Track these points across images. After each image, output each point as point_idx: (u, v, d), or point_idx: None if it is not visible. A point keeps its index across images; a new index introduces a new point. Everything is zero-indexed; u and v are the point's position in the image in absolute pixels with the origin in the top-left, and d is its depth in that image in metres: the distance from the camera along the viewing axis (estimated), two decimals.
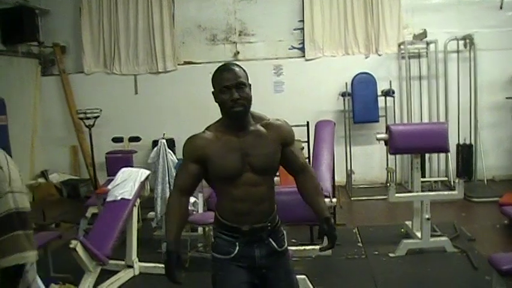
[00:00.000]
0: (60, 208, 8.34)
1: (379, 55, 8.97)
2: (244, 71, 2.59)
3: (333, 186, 6.00)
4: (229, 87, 2.49)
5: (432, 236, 5.48)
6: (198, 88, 8.96)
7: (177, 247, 2.59)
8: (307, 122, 7.76)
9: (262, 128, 2.62)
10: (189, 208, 5.82)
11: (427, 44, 8.54)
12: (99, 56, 9.43)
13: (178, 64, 9.27)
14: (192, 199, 5.85)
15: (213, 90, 2.59)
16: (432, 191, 7.70)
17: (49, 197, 9.09)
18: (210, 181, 2.71)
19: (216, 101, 2.58)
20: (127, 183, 5.15)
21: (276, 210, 2.74)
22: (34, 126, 9.38)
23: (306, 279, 4.29)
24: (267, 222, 2.64)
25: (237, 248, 2.62)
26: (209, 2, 9.27)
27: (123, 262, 5.07)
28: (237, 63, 2.65)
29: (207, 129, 2.66)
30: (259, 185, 2.58)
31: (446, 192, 6.56)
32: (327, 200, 4.53)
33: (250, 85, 2.59)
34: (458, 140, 8.49)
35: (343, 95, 8.72)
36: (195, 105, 8.90)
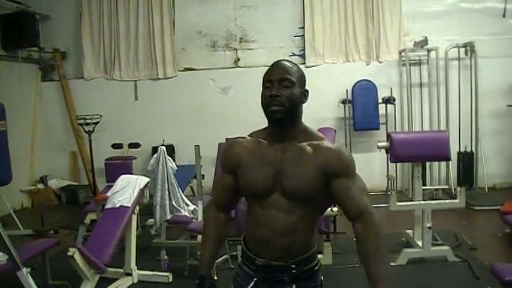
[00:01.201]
0: (59, 214, 8.30)
1: (380, 62, 8.95)
2: (299, 70, 2.23)
3: None
4: (272, 81, 2.14)
5: (433, 244, 5.45)
6: (198, 94, 8.99)
7: (210, 271, 2.40)
8: None
9: (308, 147, 2.17)
10: (189, 215, 5.82)
11: (428, 51, 8.53)
12: (99, 61, 9.41)
13: (179, 70, 9.25)
14: (191, 206, 5.84)
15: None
16: (433, 199, 7.68)
17: (48, 203, 9.07)
18: (244, 196, 2.35)
19: (262, 105, 2.20)
20: (126, 190, 5.12)
21: (313, 252, 2.27)
22: (34, 132, 9.35)
23: None
24: (291, 263, 2.19)
25: (252, 284, 2.25)
26: (210, 8, 9.26)
27: (121, 270, 5.03)
28: (285, 65, 2.23)
29: (250, 134, 2.33)
30: (288, 213, 2.14)
31: (447, 201, 6.52)
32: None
33: (306, 90, 2.24)
34: (459, 148, 8.46)
35: (344, 102, 8.70)
36: (195, 111, 8.90)
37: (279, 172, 2.14)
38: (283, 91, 2.12)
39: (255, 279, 2.24)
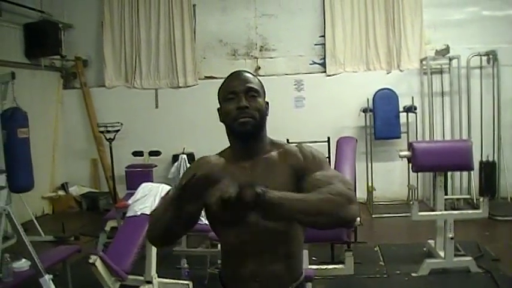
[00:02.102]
0: (80, 221, 8.36)
1: (401, 71, 8.91)
2: (259, 81, 2.06)
3: None
4: (237, 92, 1.95)
5: (455, 255, 5.38)
6: (218, 103, 8.99)
7: None
8: (328, 138, 7.71)
9: (275, 156, 2.00)
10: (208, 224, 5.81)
11: (450, 59, 8.47)
12: (121, 70, 9.49)
13: (199, 79, 9.29)
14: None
15: (218, 107, 2.06)
16: (454, 208, 7.60)
17: (68, 210, 9.15)
18: (211, 223, 2.07)
19: (221, 120, 2.04)
20: (147, 198, 5.12)
21: (303, 283, 2.04)
22: (55, 139, 9.44)
23: None
24: None
25: None
26: (230, 17, 9.31)
27: (142, 278, 5.02)
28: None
29: (220, 153, 2.12)
30: (272, 233, 1.90)
31: (470, 211, 6.46)
32: None
33: (267, 103, 2.04)
34: (481, 157, 8.36)
35: (365, 110, 8.66)
36: (216, 120, 8.70)
37: None
38: (252, 102, 1.95)
39: None
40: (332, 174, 1.97)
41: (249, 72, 2.08)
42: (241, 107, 1.93)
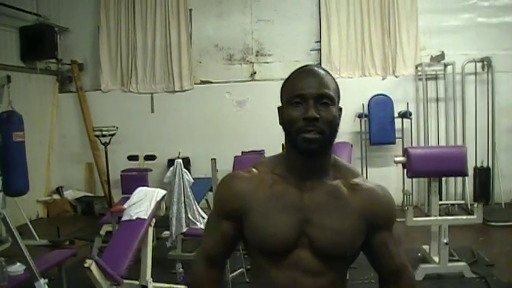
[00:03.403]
0: (75, 225, 8.33)
1: (396, 77, 8.95)
2: (335, 82, 1.69)
3: None
4: (306, 98, 1.58)
5: (450, 260, 5.40)
6: (214, 107, 9.02)
7: None
8: None
9: (343, 187, 1.65)
10: (204, 228, 5.81)
11: (445, 65, 8.51)
12: (116, 74, 9.49)
13: (195, 83, 9.29)
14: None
15: (279, 105, 1.70)
16: (449, 214, 7.63)
17: (63, 214, 9.12)
18: (247, 248, 1.77)
19: (280, 123, 1.67)
20: (143, 202, 5.13)
21: None
22: (50, 143, 9.42)
23: None
24: None
25: None
26: (226, 21, 9.33)
27: (137, 282, 5.02)
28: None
29: (256, 165, 1.74)
30: (318, 274, 1.61)
31: (464, 217, 6.48)
32: None
33: (340, 108, 1.69)
34: (476, 163, 8.39)
35: (360, 116, 8.68)
36: (211, 124, 8.91)
37: (305, 221, 1.60)
38: (323, 113, 1.58)
39: None
40: (398, 239, 1.76)
41: (323, 70, 1.70)
42: (310, 117, 1.56)
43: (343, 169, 1.70)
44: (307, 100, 1.57)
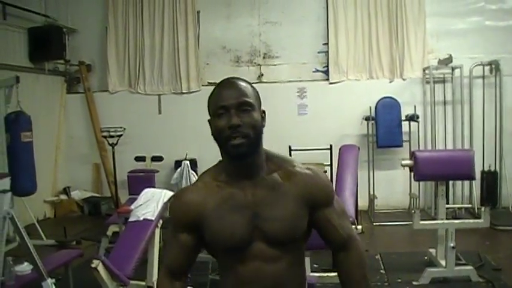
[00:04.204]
0: (81, 225, 8.37)
1: (404, 79, 8.93)
2: (253, 88, 1.87)
3: (356, 211, 5.93)
4: (228, 108, 1.76)
5: (456, 264, 5.37)
6: (209, 115, 8.99)
7: None
8: (330, 146, 7.73)
9: (279, 178, 1.84)
10: None
11: (452, 69, 8.49)
12: (124, 75, 9.51)
13: (202, 85, 9.30)
14: None
15: (209, 118, 1.87)
16: (456, 218, 7.60)
17: (70, 214, 9.16)
18: (210, 252, 1.96)
19: (212, 134, 1.85)
20: (150, 203, 5.14)
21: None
22: (58, 143, 9.46)
23: None
24: None
25: None
26: (234, 24, 9.34)
27: (143, 283, 5.04)
28: (243, 81, 1.91)
29: (200, 178, 1.94)
30: (276, 261, 1.80)
31: (472, 221, 6.46)
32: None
33: (263, 111, 1.88)
34: (483, 167, 8.35)
35: (367, 119, 8.67)
36: None
37: (255, 216, 1.79)
38: (244, 118, 1.76)
39: None
40: (341, 212, 1.94)
41: (240, 79, 1.88)
42: (233, 125, 1.74)
43: (277, 161, 1.88)
44: (229, 110, 1.76)
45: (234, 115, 1.74)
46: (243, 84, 1.83)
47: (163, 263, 1.98)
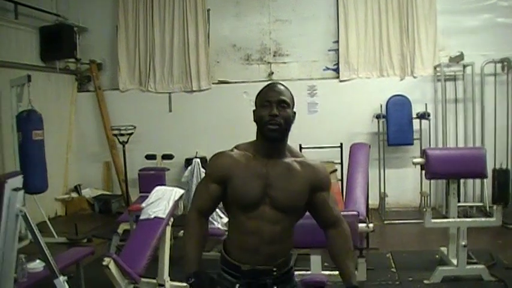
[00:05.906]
0: (92, 223, 8.40)
1: (415, 77, 8.89)
2: (291, 94, 2.43)
3: (367, 209, 5.91)
4: (271, 102, 2.34)
5: (468, 263, 5.35)
6: (231, 107, 9.02)
7: (202, 269, 2.39)
8: (341, 144, 7.72)
9: (295, 164, 2.42)
10: (222, 228, 5.83)
11: (464, 66, 8.44)
12: (135, 73, 9.54)
13: (213, 83, 9.33)
14: (225, 219, 5.84)
15: (254, 108, 2.44)
16: (467, 216, 7.57)
17: (81, 212, 9.20)
18: (227, 206, 2.50)
19: (254, 120, 2.42)
20: (161, 201, 5.14)
21: (290, 258, 2.51)
22: (69, 141, 9.51)
23: None
24: (273, 266, 2.39)
25: None
26: (244, 22, 9.34)
27: (154, 281, 5.04)
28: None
29: (236, 147, 2.50)
30: (275, 222, 2.36)
31: (483, 219, 6.43)
32: (363, 225, 4.48)
33: (295, 112, 2.43)
34: (494, 165, 8.28)
35: (378, 117, 8.64)
36: (229, 124, 8.91)
37: (268, 186, 2.35)
38: (281, 111, 2.34)
39: (238, 285, 2.40)
40: (333, 199, 2.56)
41: (283, 85, 2.44)
42: (273, 114, 2.32)
43: (294, 152, 2.49)
44: (271, 104, 2.35)
45: (275, 108, 2.33)
46: (283, 88, 2.43)
47: (192, 204, 2.51)
